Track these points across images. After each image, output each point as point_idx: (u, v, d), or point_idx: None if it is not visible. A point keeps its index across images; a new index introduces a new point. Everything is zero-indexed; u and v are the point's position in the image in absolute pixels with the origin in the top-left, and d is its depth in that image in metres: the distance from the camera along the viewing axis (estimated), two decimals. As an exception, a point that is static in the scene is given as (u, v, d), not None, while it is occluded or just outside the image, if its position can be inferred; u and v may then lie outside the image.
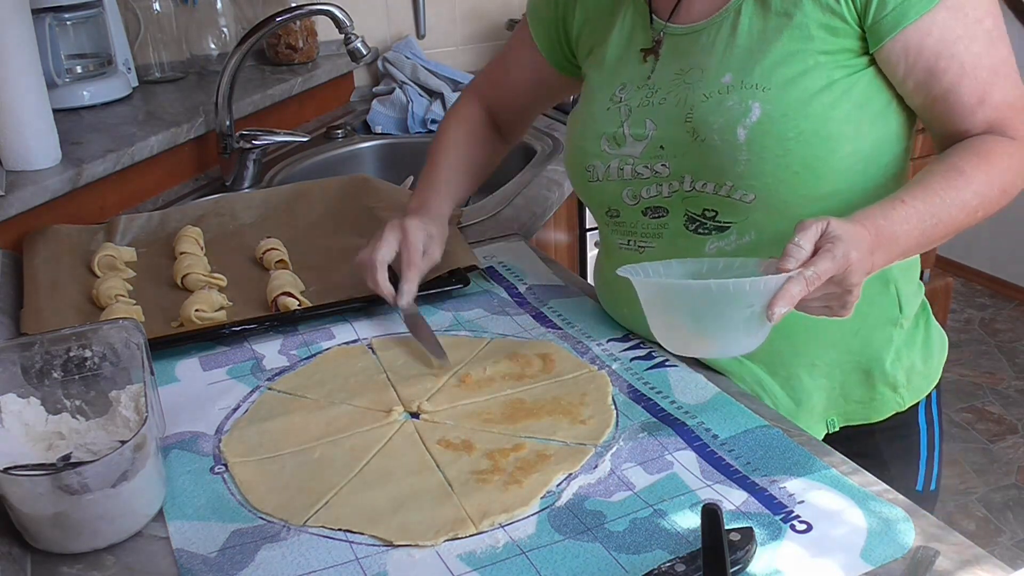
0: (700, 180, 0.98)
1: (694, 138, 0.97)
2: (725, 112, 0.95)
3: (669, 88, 1.00)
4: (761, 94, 0.93)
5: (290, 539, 0.81)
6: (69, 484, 0.77)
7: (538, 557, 0.77)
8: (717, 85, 0.96)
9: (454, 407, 0.99)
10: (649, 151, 1.01)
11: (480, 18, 2.38)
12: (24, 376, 0.93)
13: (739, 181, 0.95)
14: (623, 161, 1.03)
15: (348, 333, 1.16)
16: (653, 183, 1.02)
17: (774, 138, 0.93)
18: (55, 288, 1.24)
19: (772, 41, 0.94)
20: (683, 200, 1.00)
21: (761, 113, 0.93)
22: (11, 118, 1.42)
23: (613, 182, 1.04)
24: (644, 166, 1.01)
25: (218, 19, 2.05)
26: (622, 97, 1.03)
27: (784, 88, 0.93)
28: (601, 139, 1.04)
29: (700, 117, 0.96)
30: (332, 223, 1.46)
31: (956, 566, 0.74)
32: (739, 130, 0.94)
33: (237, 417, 0.99)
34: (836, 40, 0.93)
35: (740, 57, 0.96)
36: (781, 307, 0.79)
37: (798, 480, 0.84)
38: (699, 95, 0.97)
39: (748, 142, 0.93)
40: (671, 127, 0.99)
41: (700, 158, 0.97)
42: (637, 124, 1.02)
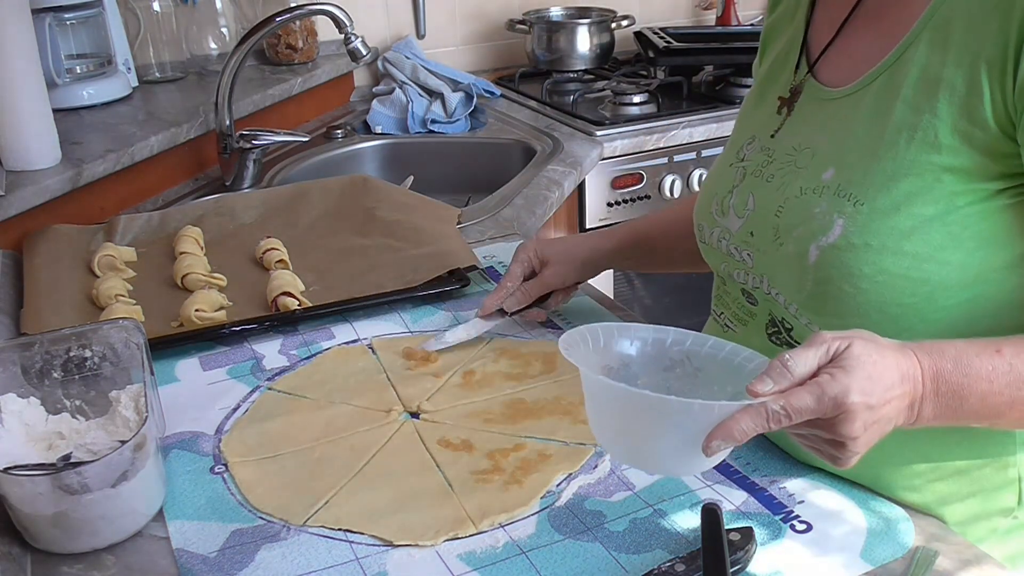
0: (774, 288, 0.83)
1: (775, 238, 0.81)
2: (808, 220, 0.78)
3: (780, 163, 0.84)
4: (851, 209, 0.75)
5: (290, 539, 0.81)
6: (69, 484, 0.77)
7: (538, 557, 0.77)
8: (816, 180, 0.79)
9: (454, 407, 0.99)
10: (742, 234, 0.86)
11: (480, 18, 2.38)
12: (24, 376, 0.93)
13: (803, 307, 0.80)
14: (723, 233, 0.89)
15: (348, 333, 1.15)
16: (742, 269, 0.87)
17: (846, 271, 0.75)
18: (55, 288, 1.24)
19: (888, 142, 0.75)
20: (766, 300, 0.86)
21: (840, 234, 0.75)
22: (11, 118, 1.42)
23: (715, 250, 0.91)
24: (735, 247, 0.87)
25: (218, 19, 2.05)
26: (746, 154, 0.89)
27: (882, 210, 0.73)
28: (714, 200, 0.91)
29: (786, 216, 0.81)
30: (332, 223, 1.46)
31: (956, 566, 0.74)
32: (812, 248, 0.77)
33: (237, 417, 0.99)
34: (971, 153, 0.72)
35: (851, 149, 0.77)
36: (719, 441, 0.63)
37: (798, 480, 0.84)
38: (796, 187, 0.81)
39: (816, 266, 0.76)
40: (765, 215, 0.83)
41: (776, 264, 0.82)
42: (742, 196, 0.87)
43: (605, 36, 2.29)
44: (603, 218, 1.95)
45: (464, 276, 1.24)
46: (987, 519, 0.82)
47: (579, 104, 2.10)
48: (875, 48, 0.79)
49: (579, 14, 2.35)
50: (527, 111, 2.12)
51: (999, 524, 0.83)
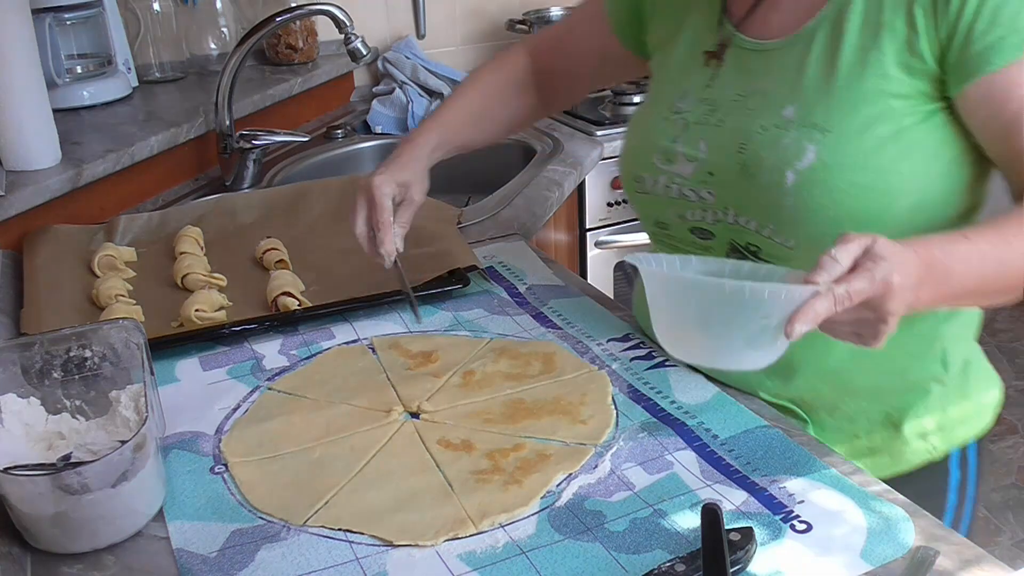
0: (744, 216, 0.93)
1: (742, 171, 0.92)
2: (779, 150, 0.89)
3: (728, 109, 0.94)
4: (820, 136, 0.86)
5: (290, 539, 0.81)
6: (69, 484, 0.77)
7: (538, 557, 0.77)
8: (777, 118, 0.90)
9: (454, 407, 0.99)
10: (698, 175, 0.96)
11: (480, 18, 2.38)
12: (24, 376, 0.93)
13: (781, 226, 0.90)
14: (671, 179, 0.98)
15: (348, 333, 1.15)
16: (698, 208, 0.97)
17: (824, 188, 0.86)
18: (55, 288, 1.24)
19: (843, 77, 0.87)
20: (727, 230, 0.96)
21: (815, 159, 0.86)
22: (11, 118, 1.42)
23: (660, 198, 0.99)
24: (691, 189, 0.96)
25: (218, 19, 2.05)
26: (681, 107, 0.98)
27: (847, 134, 0.86)
28: (653, 151, 0.99)
29: (753, 151, 0.91)
30: (332, 223, 1.46)
31: (956, 566, 0.74)
32: (788, 173, 0.88)
33: (237, 417, 0.99)
34: (912, 82, 0.85)
35: (809, 89, 0.88)
36: (801, 324, 0.71)
37: (798, 480, 0.84)
38: (756, 125, 0.91)
39: (795, 188, 0.87)
40: (722, 155, 0.93)
41: (745, 194, 0.92)
42: (690, 143, 0.96)
43: (605, 36, 2.28)
44: (603, 218, 1.95)
45: (464, 276, 1.24)
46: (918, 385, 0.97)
47: (579, 104, 2.10)
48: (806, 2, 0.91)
49: (579, 14, 2.35)
50: (527, 111, 2.12)
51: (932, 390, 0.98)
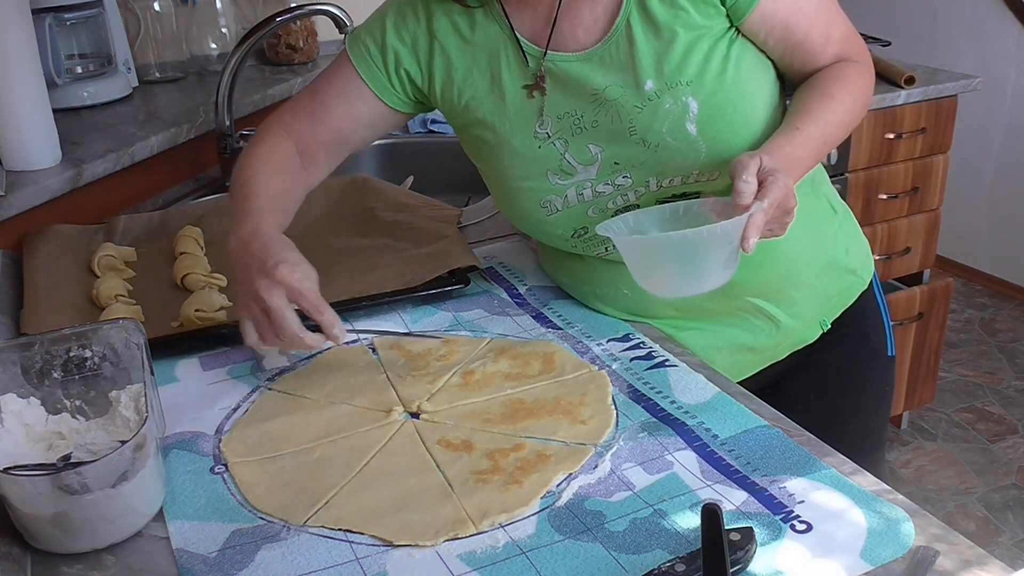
0: (666, 178, 1.05)
1: (646, 147, 1.03)
2: (666, 115, 1.01)
3: (591, 110, 1.04)
4: (687, 88, 1.00)
5: (290, 539, 0.81)
6: (69, 484, 0.77)
7: (538, 557, 0.77)
8: (643, 94, 1.01)
9: (454, 407, 0.99)
10: (604, 170, 1.05)
11: (480, 18, 2.38)
12: (24, 376, 0.93)
13: (704, 167, 1.03)
14: (580, 186, 1.07)
15: (348, 333, 1.15)
16: (618, 195, 1.07)
17: (722, 119, 1.01)
18: (55, 288, 1.24)
19: (669, 40, 1.00)
20: (652, 196, 1.07)
21: (699, 104, 1.00)
22: (11, 118, 1.42)
23: (575, 207, 1.08)
24: (604, 183, 1.06)
25: (218, 19, 2.05)
26: (548, 133, 1.06)
27: (702, 75, 1.00)
28: (547, 175, 1.07)
29: (643, 127, 1.02)
30: (332, 223, 1.46)
31: (956, 566, 0.74)
32: (688, 126, 1.01)
33: (237, 417, 0.99)
34: (715, 21, 1.01)
35: (652, 63, 1.01)
36: (754, 237, 0.89)
37: (798, 480, 0.84)
38: (631, 108, 1.02)
39: (701, 133, 1.01)
40: (618, 144, 1.04)
41: (659, 162, 1.03)
42: (579, 151, 1.05)
43: (605, 36, 2.28)
44: (603, 218, 1.95)
45: (464, 276, 1.23)
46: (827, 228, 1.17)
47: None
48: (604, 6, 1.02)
49: (579, 14, 2.35)
50: (527, 111, 2.12)
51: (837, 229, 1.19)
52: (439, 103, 1.13)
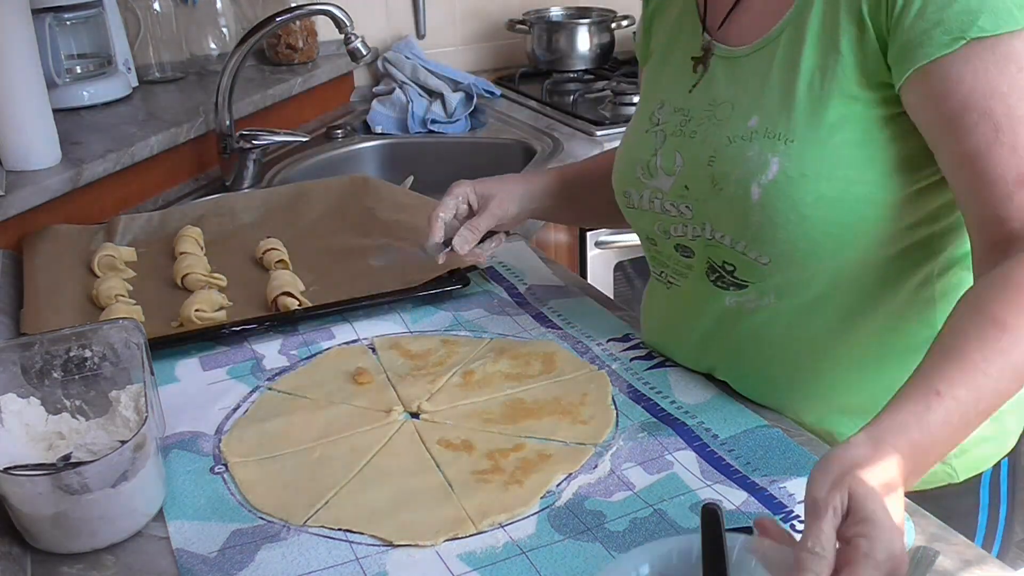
0: (718, 231, 0.90)
1: (713, 185, 0.89)
2: (744, 163, 0.85)
3: (700, 120, 0.91)
4: (783, 147, 0.83)
5: (290, 539, 0.81)
6: (69, 484, 0.77)
7: (538, 557, 0.77)
8: (743, 129, 0.86)
9: (454, 407, 0.99)
10: (676, 189, 0.93)
11: (480, 18, 2.38)
12: (24, 376, 0.93)
13: (752, 242, 0.87)
14: (654, 193, 0.95)
15: (348, 333, 1.15)
16: (680, 223, 0.94)
17: (789, 202, 0.83)
18: (55, 288, 1.24)
19: (803, 83, 0.83)
20: (706, 247, 0.92)
21: (779, 171, 0.83)
22: (11, 118, 1.42)
23: (647, 212, 0.97)
24: (671, 203, 0.94)
25: (218, 19, 2.05)
26: (659, 118, 0.95)
27: (810, 142, 0.82)
28: (636, 166, 0.97)
29: (720, 164, 0.88)
30: (332, 223, 1.46)
31: (956, 566, 0.74)
32: (754, 188, 0.84)
33: (237, 417, 0.99)
34: (869, 83, 0.81)
35: (770, 97, 0.85)
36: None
37: (798, 480, 0.84)
38: (724, 137, 0.88)
39: (762, 203, 0.84)
40: (696, 168, 0.90)
41: (717, 208, 0.89)
42: (668, 156, 0.93)
43: (605, 36, 2.29)
44: (603, 218, 1.95)
45: (464, 276, 1.23)
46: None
47: (579, 104, 2.10)
48: (774, 5, 0.87)
49: (579, 14, 2.35)
50: (527, 111, 2.12)
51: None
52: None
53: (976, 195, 0.77)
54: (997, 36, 0.74)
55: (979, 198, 0.77)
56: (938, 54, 0.76)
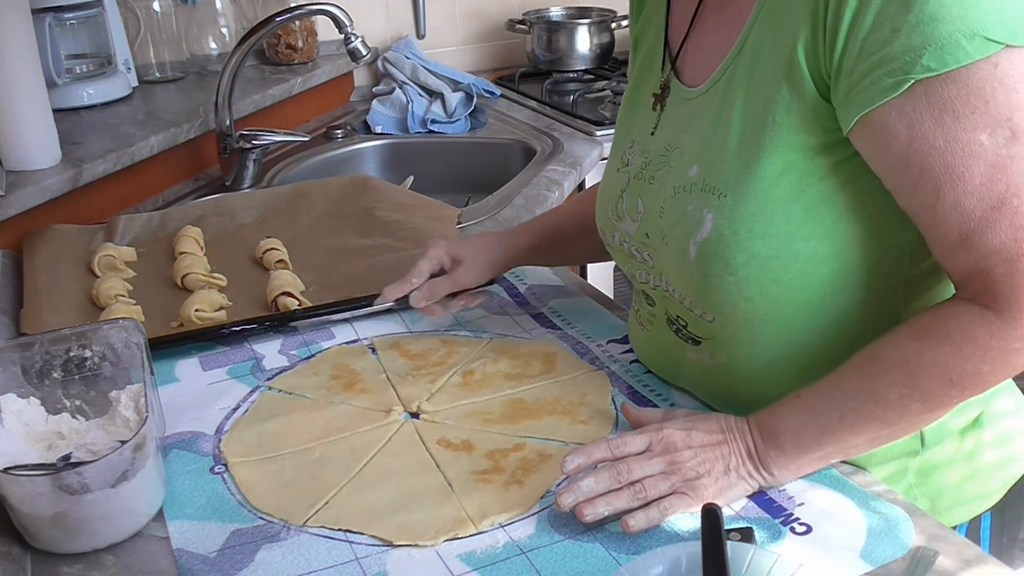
0: (670, 285, 0.87)
1: (662, 238, 0.85)
2: (683, 219, 0.81)
3: (658, 164, 0.87)
4: (716, 202, 0.78)
5: (290, 539, 0.81)
6: (69, 484, 0.77)
7: (538, 557, 0.77)
8: (685, 179, 0.82)
9: (454, 407, 0.99)
10: (639, 236, 0.90)
11: (480, 18, 2.38)
12: (24, 376, 0.93)
13: (696, 300, 0.83)
14: (623, 236, 0.93)
15: (348, 333, 1.15)
16: (643, 269, 0.91)
17: (721, 262, 0.78)
18: (55, 288, 1.24)
19: (736, 130, 0.77)
20: (663, 298, 0.90)
21: (712, 229, 0.78)
22: (11, 118, 1.42)
23: (619, 252, 0.95)
24: (636, 249, 0.91)
25: (218, 19, 2.05)
26: (629, 159, 0.92)
27: (741, 198, 0.76)
28: (609, 206, 0.95)
29: (667, 217, 0.84)
30: (332, 223, 1.46)
31: (956, 566, 0.74)
32: (691, 245, 0.80)
33: (237, 417, 0.99)
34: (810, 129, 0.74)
35: (708, 146, 0.80)
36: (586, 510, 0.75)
37: (798, 482, 0.84)
38: (670, 187, 0.84)
39: (697, 261, 0.80)
40: (652, 217, 0.87)
41: (667, 262, 0.86)
42: (631, 201, 0.90)
43: (605, 36, 2.29)
44: (603, 218, 1.95)
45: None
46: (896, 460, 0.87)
47: (579, 104, 2.10)
48: (721, 42, 0.81)
49: (579, 14, 2.35)
50: (527, 111, 2.12)
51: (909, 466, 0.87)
52: None
53: (931, 244, 0.74)
54: (943, 74, 0.66)
55: (932, 248, 0.74)
56: (881, 100, 0.69)
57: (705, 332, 0.86)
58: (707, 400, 0.94)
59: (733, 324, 0.82)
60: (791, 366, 0.83)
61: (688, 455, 0.78)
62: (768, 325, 0.81)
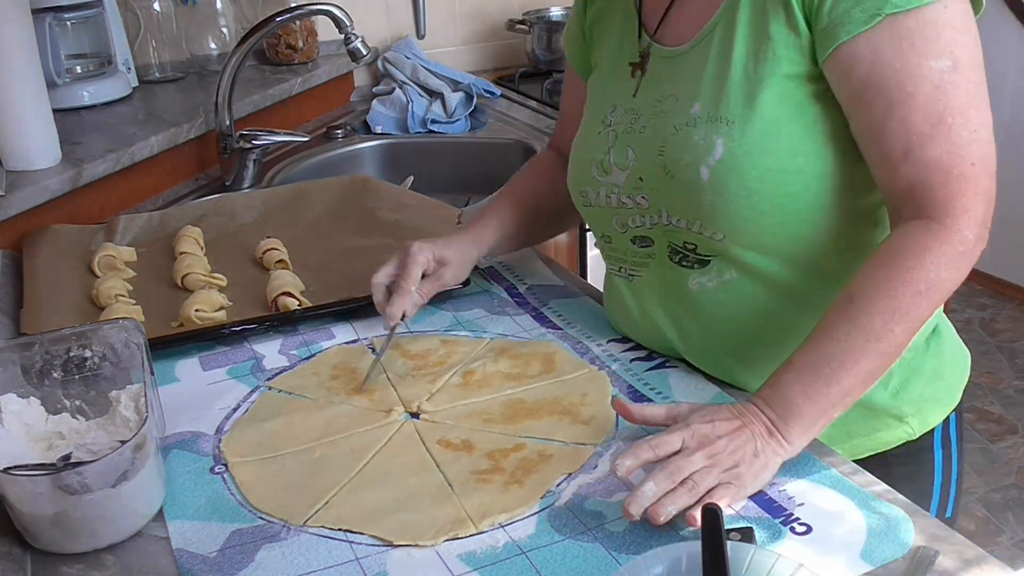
0: (675, 215, 0.95)
1: (665, 173, 0.94)
2: (691, 148, 0.90)
3: (649, 115, 0.96)
4: (725, 128, 0.88)
5: (290, 539, 0.81)
6: (69, 484, 0.77)
7: (538, 557, 0.77)
8: (687, 116, 0.92)
9: (454, 407, 0.99)
10: (630, 182, 0.98)
11: (480, 18, 2.38)
12: (24, 376, 0.93)
13: (707, 221, 0.92)
14: (610, 189, 1.00)
15: (348, 333, 1.15)
16: (636, 213, 0.99)
17: (737, 178, 0.88)
18: (55, 288, 1.24)
19: (738, 66, 0.89)
20: (664, 233, 0.97)
21: (724, 151, 0.88)
22: (11, 118, 1.42)
23: (603, 208, 1.02)
24: (627, 196, 0.99)
25: (218, 19, 2.05)
26: (611, 120, 1.00)
27: (749, 121, 0.87)
28: (591, 165, 1.01)
29: (670, 152, 0.93)
30: (332, 223, 1.46)
31: (956, 566, 0.74)
32: (702, 169, 0.89)
33: (237, 417, 0.99)
34: (799, 60, 0.86)
35: (710, 85, 0.90)
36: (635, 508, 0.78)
37: (798, 481, 0.84)
38: (670, 126, 0.93)
39: (711, 182, 0.89)
40: (648, 159, 0.96)
41: (672, 194, 0.94)
42: (620, 153, 0.98)
43: (605, 36, 2.29)
44: (603, 218, 1.95)
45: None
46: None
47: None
48: (705, 5, 0.93)
49: (579, 14, 2.35)
50: (527, 111, 2.12)
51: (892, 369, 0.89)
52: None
53: (874, 168, 0.86)
54: (908, 11, 0.80)
55: (876, 171, 0.86)
56: (855, 31, 0.82)
57: (715, 250, 0.93)
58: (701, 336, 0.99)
59: (742, 238, 0.91)
60: (790, 281, 0.93)
61: (722, 444, 0.81)
62: (773, 239, 0.91)
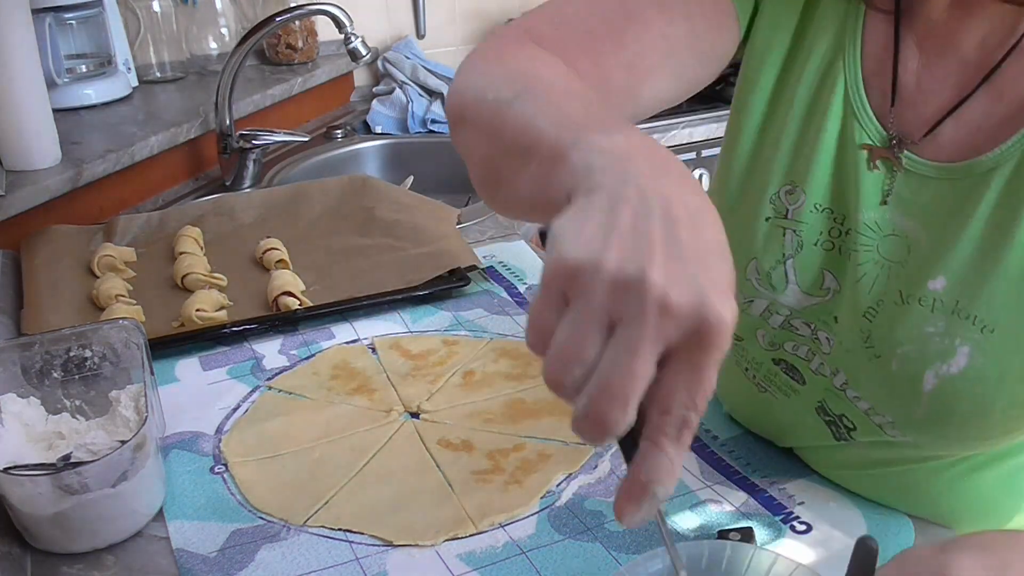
0: (854, 390, 0.70)
1: (865, 343, 0.67)
2: (920, 340, 0.64)
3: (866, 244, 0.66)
4: (978, 336, 0.61)
5: (290, 539, 0.81)
6: (69, 484, 0.77)
7: (538, 557, 0.77)
8: (921, 289, 0.64)
9: (454, 407, 0.99)
10: (816, 311, 0.70)
11: (480, 18, 2.38)
12: (24, 376, 0.93)
13: (903, 427, 0.68)
14: (773, 307, 0.72)
15: (348, 333, 1.15)
16: (805, 344, 0.72)
17: (973, 402, 0.63)
18: (55, 288, 1.24)
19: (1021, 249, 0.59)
20: (824, 389, 0.73)
21: (967, 364, 0.62)
22: (11, 118, 1.42)
23: (750, 317, 0.74)
24: (804, 323, 0.71)
25: (218, 19, 2.05)
26: (788, 210, 0.68)
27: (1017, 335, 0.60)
28: (750, 264, 0.71)
29: (883, 326, 0.66)
30: (332, 223, 1.46)
31: (956, 566, 0.74)
32: (928, 375, 0.64)
33: (237, 417, 0.99)
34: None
35: (967, 254, 0.61)
36: None
37: (798, 481, 0.84)
38: (893, 290, 0.65)
39: (935, 395, 0.64)
40: (850, 306, 0.68)
41: (866, 370, 0.68)
42: (807, 271, 0.69)
43: (605, 36, 2.28)
44: (603, 218, 1.95)
45: (464, 276, 1.24)
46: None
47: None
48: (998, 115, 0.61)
49: (579, 14, 2.35)
50: (527, 111, 2.12)
51: None
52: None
53: None
54: None
55: None
56: None
57: (877, 435, 0.71)
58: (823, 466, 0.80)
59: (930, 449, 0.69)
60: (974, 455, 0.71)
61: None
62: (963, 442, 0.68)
